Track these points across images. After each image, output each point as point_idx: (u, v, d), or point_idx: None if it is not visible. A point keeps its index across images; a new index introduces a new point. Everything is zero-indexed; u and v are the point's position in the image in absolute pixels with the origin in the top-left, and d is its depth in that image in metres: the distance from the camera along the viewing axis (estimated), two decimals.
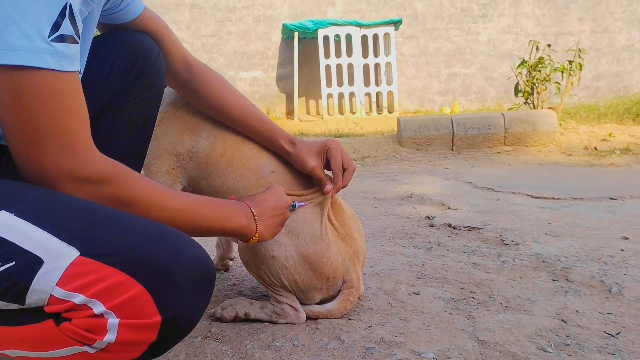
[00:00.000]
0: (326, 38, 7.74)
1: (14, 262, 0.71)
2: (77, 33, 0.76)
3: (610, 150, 5.08)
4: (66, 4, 0.74)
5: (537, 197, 2.92)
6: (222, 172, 1.30)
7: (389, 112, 7.89)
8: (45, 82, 0.73)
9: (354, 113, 7.88)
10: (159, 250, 0.75)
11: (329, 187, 1.30)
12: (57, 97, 0.75)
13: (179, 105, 1.36)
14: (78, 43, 0.77)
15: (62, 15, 0.73)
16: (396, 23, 8.00)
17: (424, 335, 1.24)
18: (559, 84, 6.11)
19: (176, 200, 0.91)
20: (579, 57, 6.02)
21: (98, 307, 0.71)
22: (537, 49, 6.17)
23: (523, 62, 6.25)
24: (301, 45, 8.09)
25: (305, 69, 8.23)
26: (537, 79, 6.10)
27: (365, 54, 7.89)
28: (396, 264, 1.80)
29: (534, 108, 6.11)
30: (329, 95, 7.83)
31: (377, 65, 7.97)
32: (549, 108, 5.98)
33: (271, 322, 1.30)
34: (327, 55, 7.76)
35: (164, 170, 1.32)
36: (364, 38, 7.87)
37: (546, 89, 6.12)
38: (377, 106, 8.13)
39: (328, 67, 7.78)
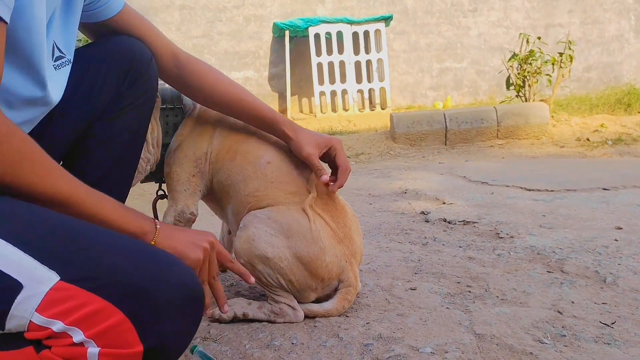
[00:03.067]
0: (317, 36, 7.73)
1: None
2: None
3: (603, 141, 5.10)
4: None
5: (530, 190, 2.94)
6: (227, 167, 1.36)
7: (382, 109, 7.89)
8: None
9: (346, 110, 7.88)
10: (140, 273, 0.72)
11: (325, 177, 1.30)
12: None
13: (198, 111, 1.42)
14: None
15: None
16: (387, 19, 7.99)
17: (422, 330, 1.25)
18: (550, 77, 6.13)
19: (71, 186, 0.82)
20: (569, 48, 6.05)
21: (78, 335, 0.68)
22: (527, 42, 6.19)
23: (514, 56, 6.27)
24: (292, 43, 8.07)
25: (297, 67, 8.22)
26: (528, 72, 6.12)
27: (356, 51, 7.89)
28: (392, 260, 1.81)
29: (526, 101, 6.13)
30: (322, 93, 7.82)
31: (368, 62, 7.96)
32: (541, 100, 6.01)
33: (269, 321, 1.30)
34: (318, 53, 7.75)
35: (185, 178, 1.37)
36: (355, 35, 7.87)
37: (537, 81, 6.15)
38: (370, 103, 8.13)
39: (320, 65, 7.77)
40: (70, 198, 0.80)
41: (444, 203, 2.72)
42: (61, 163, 1.19)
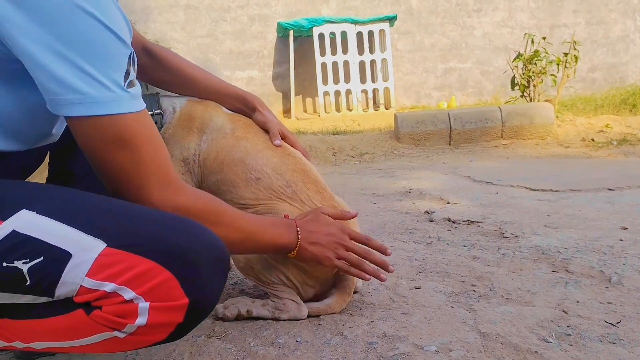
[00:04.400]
0: (321, 36, 7.73)
1: (42, 258, 0.74)
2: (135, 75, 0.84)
3: (608, 142, 5.09)
4: (131, 52, 0.81)
5: (535, 190, 2.93)
6: (214, 178, 1.35)
7: (386, 109, 7.89)
8: (133, 122, 0.81)
9: (350, 110, 7.89)
10: (180, 238, 0.79)
11: (278, 142, 1.37)
12: (152, 133, 0.85)
13: (184, 111, 1.40)
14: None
15: (129, 63, 0.81)
16: (391, 19, 8.00)
17: (426, 329, 1.24)
18: (555, 77, 6.12)
19: (246, 222, 1.05)
20: (575, 49, 6.03)
21: (128, 294, 0.75)
22: (532, 42, 6.18)
23: (519, 56, 6.27)
24: (296, 43, 8.08)
25: (301, 67, 8.23)
26: (533, 72, 6.11)
27: (360, 51, 7.89)
28: (397, 259, 1.80)
29: (531, 101, 6.12)
30: (326, 93, 7.83)
31: (373, 62, 7.97)
32: (546, 101, 5.99)
33: (274, 319, 1.30)
34: (322, 53, 7.76)
35: None
36: (359, 35, 7.87)
37: (542, 81, 6.14)
38: (374, 103, 8.13)
39: (324, 65, 7.78)
40: (251, 233, 1.05)
41: (448, 203, 2.72)
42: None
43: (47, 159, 1.16)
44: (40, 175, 1.11)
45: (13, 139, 0.91)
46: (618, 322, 1.26)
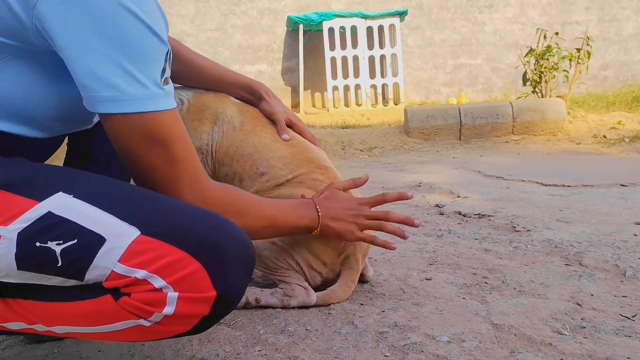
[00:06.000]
0: (331, 30, 7.69)
1: (76, 240, 0.75)
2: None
3: (620, 138, 5.03)
4: (168, 50, 0.82)
5: (547, 185, 2.90)
6: (225, 170, 1.37)
7: (395, 104, 7.84)
8: (167, 120, 0.82)
9: (359, 105, 7.85)
10: (212, 232, 0.79)
11: (286, 136, 1.38)
12: (183, 131, 0.86)
13: (193, 102, 1.40)
14: None
15: (166, 60, 0.81)
16: (401, 14, 7.94)
17: (438, 320, 1.23)
18: (567, 72, 6.06)
19: (269, 209, 1.07)
20: (588, 45, 5.97)
21: (158, 282, 0.75)
22: (544, 37, 6.12)
23: (531, 51, 6.21)
24: (306, 37, 8.04)
25: (311, 61, 8.19)
26: (545, 68, 6.06)
27: (370, 46, 7.84)
28: (407, 251, 1.79)
29: (542, 97, 6.07)
30: (335, 88, 7.79)
31: (382, 57, 7.92)
32: (557, 97, 5.94)
33: (283, 307, 1.29)
34: (332, 48, 7.72)
35: None
36: (369, 30, 7.82)
37: (554, 77, 6.08)
38: (383, 98, 8.08)
39: (333, 60, 7.74)
40: (273, 220, 1.07)
41: (458, 196, 2.69)
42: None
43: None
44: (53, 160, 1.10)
45: (48, 129, 0.92)
46: (634, 316, 1.24)
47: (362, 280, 1.46)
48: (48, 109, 0.87)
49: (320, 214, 1.17)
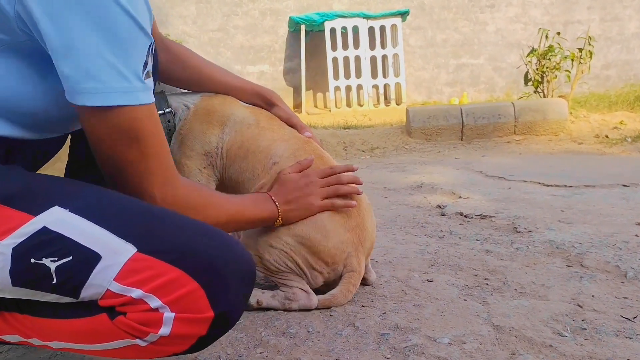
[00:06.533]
0: (333, 30, 7.70)
1: (70, 257, 0.73)
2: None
3: (622, 138, 5.03)
4: (151, 43, 0.80)
5: (548, 185, 2.90)
6: (238, 164, 1.37)
7: (397, 104, 7.85)
8: (145, 115, 0.81)
9: (361, 105, 7.85)
10: (210, 249, 0.78)
11: (309, 133, 1.42)
12: (158, 127, 0.85)
13: (200, 106, 1.40)
14: None
15: (147, 54, 0.79)
16: (403, 14, 7.94)
17: (439, 321, 1.23)
18: (569, 72, 6.05)
19: (232, 204, 1.09)
20: (590, 44, 5.96)
21: (154, 302, 0.73)
22: (546, 37, 6.11)
23: (533, 51, 6.21)
24: (308, 38, 8.05)
25: (312, 62, 8.20)
26: (547, 68, 6.05)
27: (372, 46, 7.84)
28: (408, 252, 1.79)
29: (544, 97, 6.06)
30: (337, 88, 7.79)
31: (384, 57, 7.92)
32: (559, 97, 5.93)
33: (284, 309, 1.30)
34: (334, 48, 7.73)
35: (197, 169, 1.38)
36: (371, 30, 7.82)
37: (556, 77, 6.07)
38: (385, 98, 8.09)
39: (335, 60, 7.75)
40: (236, 213, 1.09)
41: (460, 197, 2.69)
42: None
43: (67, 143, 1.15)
44: (51, 164, 1.10)
45: (41, 129, 0.90)
46: (634, 317, 1.24)
47: (365, 284, 1.46)
48: (44, 108, 0.85)
49: (276, 203, 1.20)
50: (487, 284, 1.48)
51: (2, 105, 0.82)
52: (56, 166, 1.14)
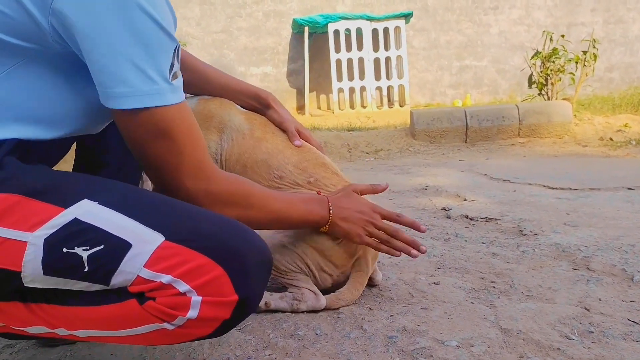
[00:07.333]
0: (336, 32, 7.71)
1: (102, 246, 0.77)
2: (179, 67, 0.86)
3: (626, 141, 5.02)
4: (177, 45, 0.84)
5: (553, 188, 2.90)
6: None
7: (400, 106, 7.85)
8: (175, 114, 0.84)
9: (365, 107, 7.85)
10: (234, 238, 0.82)
11: (298, 142, 1.41)
12: (190, 123, 0.88)
13: (197, 110, 1.39)
14: None
15: (174, 56, 0.83)
16: (407, 16, 7.95)
17: (446, 324, 1.23)
18: (573, 74, 6.05)
19: (276, 202, 1.09)
20: (594, 47, 5.96)
21: (182, 286, 0.77)
22: (550, 39, 6.11)
23: (537, 53, 6.21)
24: (311, 40, 8.06)
25: (316, 63, 8.21)
26: (551, 70, 6.05)
27: (375, 48, 7.85)
28: None
29: (548, 99, 6.06)
30: (340, 90, 7.80)
31: (387, 59, 7.93)
32: (564, 99, 5.93)
33: (292, 311, 1.30)
34: (337, 50, 7.73)
35: None
36: (375, 32, 7.83)
37: (560, 80, 6.07)
38: (388, 100, 8.09)
39: (339, 62, 7.75)
40: (281, 212, 1.09)
41: (465, 200, 2.70)
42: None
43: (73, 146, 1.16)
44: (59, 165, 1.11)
45: (59, 129, 0.92)
46: None
47: (371, 284, 1.47)
48: (75, 112, 0.89)
49: (332, 212, 1.20)
50: (494, 287, 1.48)
51: (32, 110, 0.85)
52: (61, 167, 1.15)
